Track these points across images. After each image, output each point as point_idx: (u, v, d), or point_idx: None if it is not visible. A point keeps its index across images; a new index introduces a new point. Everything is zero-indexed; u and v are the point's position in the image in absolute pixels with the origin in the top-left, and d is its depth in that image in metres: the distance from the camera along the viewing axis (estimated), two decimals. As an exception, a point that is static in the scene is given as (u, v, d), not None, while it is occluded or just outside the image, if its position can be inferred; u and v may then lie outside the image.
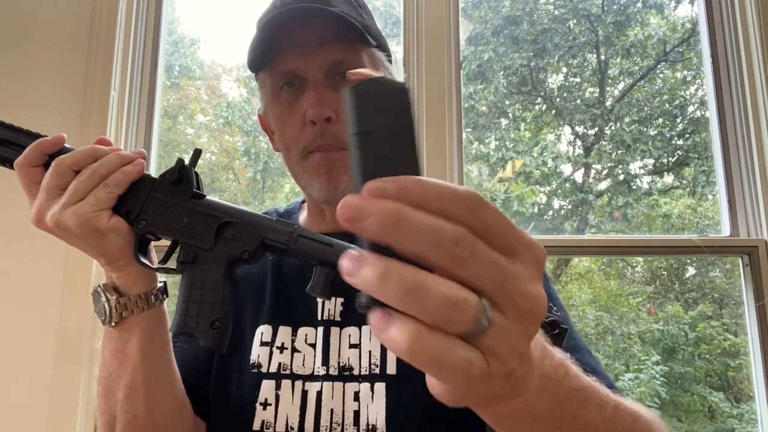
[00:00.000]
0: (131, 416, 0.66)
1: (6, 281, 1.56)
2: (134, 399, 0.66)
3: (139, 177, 0.61)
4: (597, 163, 3.05)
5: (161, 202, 0.60)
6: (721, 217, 1.80)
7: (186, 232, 0.59)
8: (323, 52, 0.75)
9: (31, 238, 1.58)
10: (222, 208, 0.60)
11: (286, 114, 0.78)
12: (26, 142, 0.62)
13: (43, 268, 1.56)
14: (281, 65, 0.77)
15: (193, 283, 0.58)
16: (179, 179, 0.60)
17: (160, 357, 0.68)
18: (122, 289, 0.64)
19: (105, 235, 0.60)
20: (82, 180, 0.59)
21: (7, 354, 1.52)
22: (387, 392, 0.71)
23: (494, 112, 3.09)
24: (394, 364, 0.72)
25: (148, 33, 1.81)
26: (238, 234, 0.58)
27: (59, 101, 1.63)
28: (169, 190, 0.60)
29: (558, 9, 3.09)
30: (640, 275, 3.16)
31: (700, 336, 2.78)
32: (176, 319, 0.59)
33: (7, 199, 1.61)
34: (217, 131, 3.07)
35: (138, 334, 0.65)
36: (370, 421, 0.70)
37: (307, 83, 0.76)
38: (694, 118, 2.94)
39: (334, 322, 0.76)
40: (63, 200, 0.59)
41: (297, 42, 0.75)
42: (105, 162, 0.60)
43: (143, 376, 0.66)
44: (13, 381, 1.50)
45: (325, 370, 0.74)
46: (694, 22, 2.76)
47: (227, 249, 0.58)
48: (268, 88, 0.80)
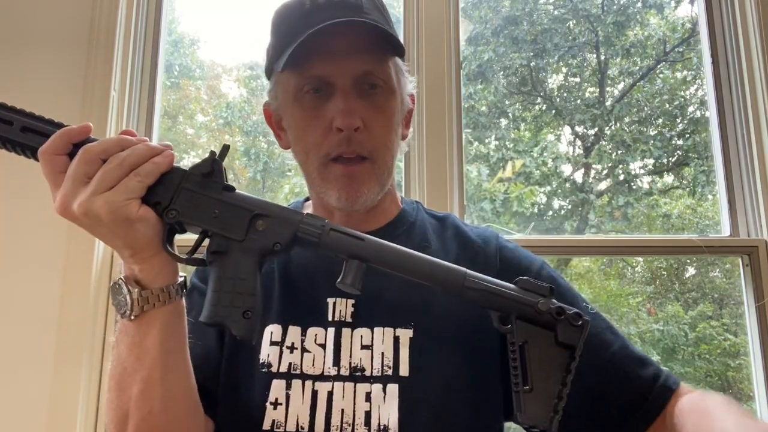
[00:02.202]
0: (146, 412, 0.65)
1: (6, 281, 1.56)
2: (150, 394, 0.65)
3: (169, 169, 0.60)
4: (597, 163, 3.05)
5: (192, 194, 0.60)
6: (721, 217, 1.80)
7: (217, 223, 0.59)
8: (354, 61, 0.76)
9: (31, 238, 1.58)
10: (253, 201, 0.60)
11: (309, 119, 0.78)
12: (50, 130, 0.61)
13: (43, 268, 1.56)
14: (310, 70, 0.76)
15: (224, 273, 0.58)
16: (211, 171, 0.60)
17: (178, 352, 0.67)
18: (144, 282, 0.63)
19: (134, 224, 0.59)
20: (111, 168, 0.58)
21: (7, 354, 1.52)
22: (400, 394, 0.71)
23: (494, 112, 3.09)
24: (407, 366, 0.73)
25: (148, 33, 1.81)
26: (270, 227, 0.58)
27: (59, 101, 1.63)
28: (199, 182, 0.60)
29: (558, 9, 3.09)
30: (640, 275, 3.16)
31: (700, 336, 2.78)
32: (207, 308, 0.58)
33: (7, 198, 1.61)
34: (217, 131, 3.07)
35: (158, 328, 0.64)
36: (382, 421, 0.70)
37: (334, 90, 0.76)
38: (694, 118, 2.94)
39: (346, 323, 0.76)
40: (91, 187, 0.58)
41: (328, 48, 0.75)
42: (134, 151, 0.59)
43: (161, 371, 0.65)
44: (13, 381, 1.50)
45: (336, 370, 0.74)
46: (694, 22, 2.76)
47: (259, 241, 0.58)
48: (291, 89, 0.79)
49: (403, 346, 0.74)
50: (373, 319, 0.76)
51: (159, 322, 0.64)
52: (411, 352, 0.73)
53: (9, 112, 0.63)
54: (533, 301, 0.52)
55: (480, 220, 2.59)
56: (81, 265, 1.56)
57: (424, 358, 0.73)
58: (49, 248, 1.57)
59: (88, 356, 1.51)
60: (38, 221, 1.58)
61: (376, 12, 0.78)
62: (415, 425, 0.70)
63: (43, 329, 1.52)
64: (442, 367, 0.74)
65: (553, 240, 1.79)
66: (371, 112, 0.77)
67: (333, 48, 0.75)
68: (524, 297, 0.53)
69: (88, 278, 1.55)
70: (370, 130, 0.77)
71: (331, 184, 0.78)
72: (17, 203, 1.60)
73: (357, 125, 0.75)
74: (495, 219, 2.63)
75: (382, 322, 0.75)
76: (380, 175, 0.79)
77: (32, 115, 0.63)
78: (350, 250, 0.58)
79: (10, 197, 1.61)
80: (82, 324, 1.52)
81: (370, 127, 0.77)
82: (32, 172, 1.61)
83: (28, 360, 1.51)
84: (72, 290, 1.55)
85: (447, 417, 0.72)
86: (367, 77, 0.77)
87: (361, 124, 0.75)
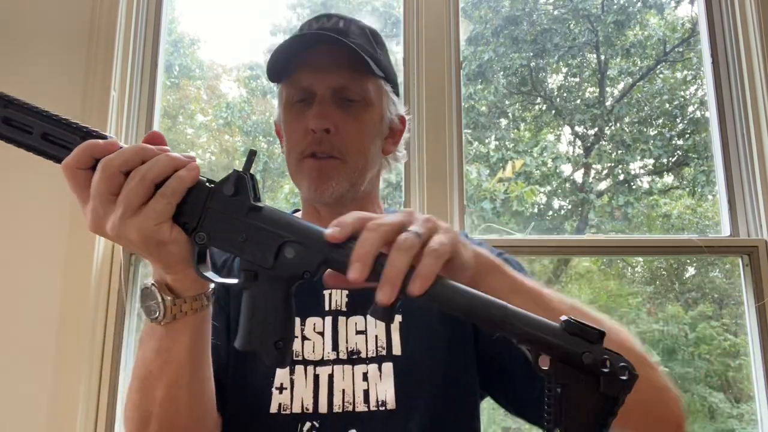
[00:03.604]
0: (172, 414, 0.67)
1: (6, 281, 1.56)
2: (176, 398, 0.67)
3: (195, 183, 0.58)
4: (597, 163, 3.05)
5: (218, 214, 0.57)
6: (721, 217, 1.80)
7: (245, 248, 0.56)
8: (333, 75, 0.86)
9: (31, 237, 1.58)
10: (281, 223, 0.57)
11: (293, 123, 0.88)
12: (72, 139, 0.58)
13: (43, 268, 1.56)
14: (297, 82, 0.88)
15: (255, 303, 0.57)
16: (235, 192, 0.57)
17: (204, 356, 0.69)
18: (178, 290, 0.63)
19: (166, 246, 0.58)
20: (133, 185, 0.56)
21: (8, 354, 1.52)
22: (394, 370, 0.79)
23: (494, 112, 3.09)
24: (399, 346, 0.80)
25: (148, 33, 1.81)
26: (299, 254, 0.55)
27: (59, 101, 1.63)
28: (225, 201, 0.57)
29: (558, 9, 3.09)
30: (640, 275, 3.16)
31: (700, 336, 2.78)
32: (242, 337, 0.57)
33: (8, 198, 1.61)
34: (216, 131, 3.07)
35: (188, 335, 0.65)
36: (380, 397, 0.78)
37: (315, 99, 0.86)
38: (694, 118, 2.94)
39: (341, 311, 0.84)
40: (120, 211, 0.56)
41: (313, 62, 0.86)
42: (155, 164, 0.56)
43: (188, 376, 0.66)
44: (13, 381, 1.50)
45: (335, 354, 0.81)
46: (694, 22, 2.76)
47: (288, 269, 0.56)
48: (284, 99, 0.91)
49: (394, 329, 0.81)
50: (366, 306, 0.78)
51: (189, 328, 0.65)
52: (401, 334, 0.81)
53: (30, 115, 0.60)
54: (578, 352, 0.49)
55: (480, 220, 2.59)
56: (81, 264, 1.56)
57: (413, 339, 0.81)
58: (49, 248, 1.57)
59: (88, 356, 1.51)
60: (39, 221, 1.58)
61: (362, 39, 0.89)
62: (410, 398, 0.77)
63: (44, 329, 1.52)
64: (431, 346, 0.81)
65: (553, 240, 1.79)
66: (345, 120, 0.86)
67: (316, 62, 0.86)
68: (569, 345, 0.48)
69: (89, 278, 1.55)
70: (342, 134, 0.86)
71: (303, 177, 0.87)
72: (17, 203, 1.60)
73: (326, 126, 0.84)
74: (495, 219, 2.63)
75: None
76: (351, 173, 0.86)
77: (57, 119, 0.60)
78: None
79: (10, 197, 1.61)
80: (82, 324, 1.52)
81: (342, 132, 0.86)
82: (32, 172, 1.62)
83: (28, 360, 1.51)
84: (72, 290, 1.55)
85: (438, 390, 0.79)
86: (344, 91, 0.87)
87: (333, 128, 0.85)
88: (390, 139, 0.95)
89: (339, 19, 0.89)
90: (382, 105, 0.91)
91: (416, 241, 0.50)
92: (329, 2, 2.90)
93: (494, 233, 2.19)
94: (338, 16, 0.90)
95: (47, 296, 1.54)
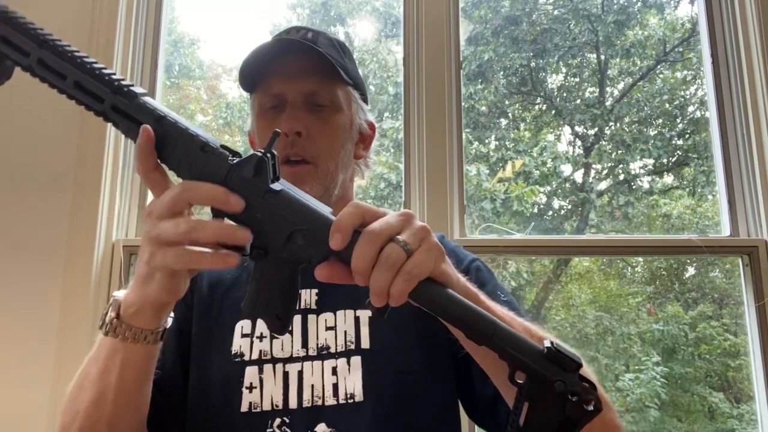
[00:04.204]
0: (94, 420, 0.68)
1: (6, 281, 1.56)
2: (100, 408, 0.68)
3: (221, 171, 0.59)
4: (597, 163, 3.05)
5: (237, 191, 0.59)
6: (721, 217, 1.80)
7: (262, 227, 0.59)
8: (303, 81, 0.89)
9: (31, 237, 1.58)
10: (296, 209, 0.59)
11: (267, 129, 0.90)
12: (101, 90, 0.64)
13: (43, 268, 1.56)
14: (269, 89, 0.91)
15: (263, 276, 0.60)
16: (255, 174, 0.59)
17: (136, 386, 0.69)
18: (125, 315, 0.65)
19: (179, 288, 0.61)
20: (197, 235, 0.57)
21: (8, 353, 1.52)
22: (362, 364, 0.80)
23: (494, 112, 3.09)
24: (368, 340, 0.82)
25: (148, 33, 1.81)
26: (308, 242, 0.58)
27: (59, 101, 1.62)
28: (243, 180, 0.59)
29: (558, 9, 3.09)
30: (640, 275, 3.16)
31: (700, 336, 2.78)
32: (247, 303, 0.61)
33: (8, 197, 1.61)
34: (216, 131, 3.07)
35: (122, 358, 0.66)
36: (348, 390, 0.79)
37: (287, 104, 0.89)
38: (694, 118, 2.94)
39: (311, 310, 0.85)
40: (179, 250, 0.57)
41: (283, 70, 0.90)
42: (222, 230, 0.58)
43: (114, 393, 0.67)
44: (13, 381, 1.50)
45: (305, 351, 0.82)
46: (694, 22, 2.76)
47: (297, 253, 0.59)
48: (256, 107, 0.93)
49: (363, 324, 0.83)
50: (335, 303, 0.84)
51: (126, 353, 0.65)
52: (371, 328, 0.83)
53: (66, 61, 0.65)
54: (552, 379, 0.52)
55: (480, 220, 2.59)
56: (81, 264, 1.56)
57: (383, 334, 0.82)
58: (49, 248, 1.57)
59: (88, 357, 1.51)
60: (39, 221, 1.58)
61: (330, 48, 0.92)
62: (378, 390, 0.78)
63: (44, 329, 1.52)
64: (401, 341, 0.82)
65: (553, 240, 1.79)
66: (316, 124, 0.89)
67: (287, 70, 0.89)
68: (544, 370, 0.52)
69: (89, 278, 1.55)
70: (313, 138, 0.88)
71: None
72: (18, 204, 1.60)
73: (298, 129, 0.86)
74: (495, 219, 2.63)
75: (343, 305, 0.84)
76: (322, 178, 0.89)
77: (89, 69, 0.64)
78: None
79: (10, 198, 1.61)
80: (82, 324, 1.52)
81: (313, 136, 0.88)
82: (33, 174, 1.62)
83: (28, 360, 1.51)
84: (72, 290, 1.55)
85: (407, 383, 0.80)
86: (314, 96, 0.90)
87: (305, 131, 0.87)
88: (361, 144, 0.98)
89: (307, 31, 0.93)
90: (351, 110, 0.95)
91: (401, 256, 0.53)
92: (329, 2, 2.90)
93: (494, 233, 2.19)
94: (306, 29, 0.94)
95: (47, 296, 1.54)
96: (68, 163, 1.62)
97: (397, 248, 0.53)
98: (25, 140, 1.64)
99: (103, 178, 1.61)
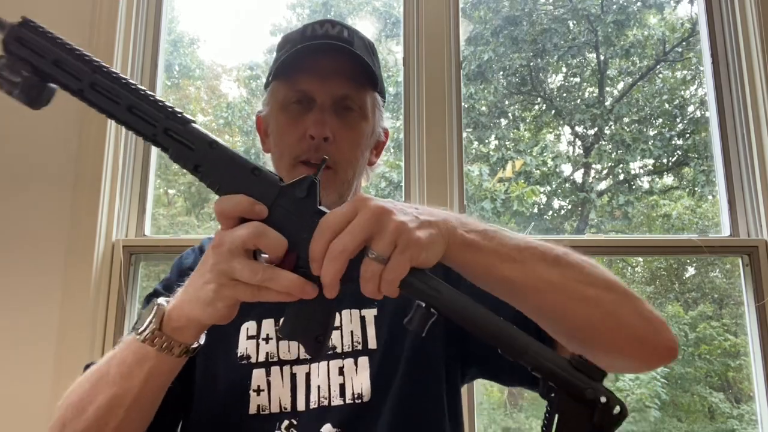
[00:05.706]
0: (102, 423, 0.67)
1: (7, 281, 1.56)
2: (112, 412, 0.67)
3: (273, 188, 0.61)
4: (597, 163, 3.05)
5: (286, 212, 0.60)
6: (721, 217, 1.80)
7: (305, 247, 0.59)
8: (336, 83, 0.88)
9: (32, 237, 1.58)
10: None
11: (289, 125, 0.88)
12: (153, 114, 0.64)
13: (43, 268, 1.56)
14: (298, 84, 0.88)
15: (306, 300, 0.60)
16: (307, 195, 0.61)
17: (153, 396, 0.69)
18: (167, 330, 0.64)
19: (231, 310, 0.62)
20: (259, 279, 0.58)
21: (8, 353, 1.52)
22: (370, 364, 0.80)
23: (494, 112, 3.09)
24: (375, 340, 0.82)
25: (148, 33, 1.81)
26: (351, 262, 0.58)
27: (58, 102, 1.62)
28: (293, 201, 0.61)
29: (558, 9, 3.09)
30: (640, 275, 3.16)
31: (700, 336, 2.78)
32: (287, 325, 0.61)
33: (8, 198, 1.61)
34: (217, 131, 3.07)
35: (150, 367, 0.65)
36: (356, 390, 0.79)
37: (315, 104, 0.87)
38: (694, 118, 2.94)
39: None
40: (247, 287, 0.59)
41: (316, 68, 0.87)
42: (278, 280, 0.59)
43: (132, 400, 0.66)
44: (13, 381, 1.50)
45: None
46: (693, 22, 2.76)
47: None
48: (280, 98, 0.90)
49: (369, 324, 0.83)
50: (340, 303, 0.81)
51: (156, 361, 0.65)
52: (377, 328, 0.83)
53: (120, 87, 0.65)
54: (582, 387, 0.54)
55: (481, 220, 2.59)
56: (81, 264, 1.56)
57: (388, 333, 0.82)
58: (49, 248, 1.57)
59: (88, 356, 1.51)
60: (39, 222, 1.58)
61: (364, 51, 0.90)
62: (385, 389, 0.79)
63: (44, 329, 1.52)
64: (404, 339, 0.82)
65: (553, 240, 1.79)
66: (342, 130, 0.88)
67: (320, 68, 0.87)
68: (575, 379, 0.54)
69: (89, 278, 1.55)
70: (338, 144, 0.87)
71: None
72: (18, 205, 1.60)
73: (326, 135, 0.85)
74: (495, 219, 2.63)
75: (348, 304, 0.84)
76: (340, 184, 0.88)
77: (142, 94, 0.64)
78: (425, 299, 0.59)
79: (11, 199, 1.61)
80: (82, 324, 1.52)
81: (338, 141, 0.87)
82: (33, 173, 1.62)
83: (28, 360, 1.51)
84: (72, 290, 1.55)
85: (413, 382, 0.80)
86: (345, 100, 0.88)
87: (331, 136, 0.86)
88: (375, 150, 0.98)
89: (343, 28, 0.91)
90: (375, 118, 0.94)
91: (377, 270, 0.55)
92: (329, 2, 2.90)
93: (494, 233, 2.19)
94: (341, 25, 0.91)
95: (47, 296, 1.54)
96: (68, 162, 1.62)
97: (371, 265, 0.55)
98: (26, 140, 1.64)
99: (103, 178, 1.61)
